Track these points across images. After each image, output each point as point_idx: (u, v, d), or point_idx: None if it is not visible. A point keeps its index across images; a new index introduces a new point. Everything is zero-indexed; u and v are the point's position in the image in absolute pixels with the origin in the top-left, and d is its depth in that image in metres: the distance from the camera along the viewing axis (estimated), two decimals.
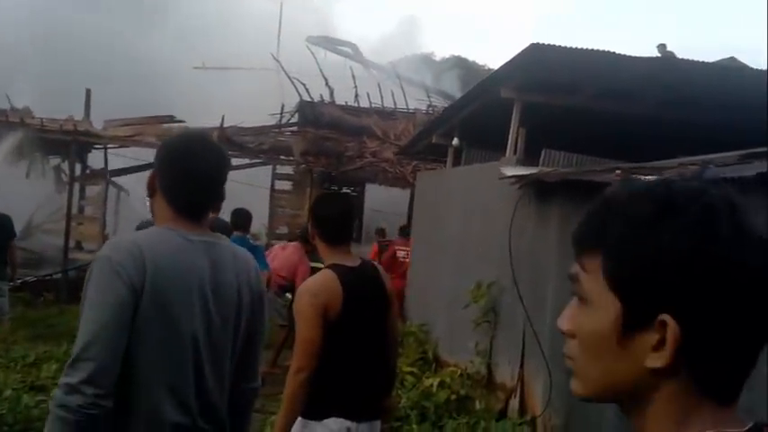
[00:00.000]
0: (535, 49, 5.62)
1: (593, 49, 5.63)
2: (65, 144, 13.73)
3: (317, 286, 2.82)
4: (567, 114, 6.63)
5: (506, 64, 5.94)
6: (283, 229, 14.42)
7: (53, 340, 8.10)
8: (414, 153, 10.39)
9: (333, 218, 2.95)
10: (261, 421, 5.80)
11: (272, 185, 15.46)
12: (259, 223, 14.31)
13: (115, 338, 1.78)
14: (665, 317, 0.74)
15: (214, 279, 1.95)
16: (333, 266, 2.86)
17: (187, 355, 1.89)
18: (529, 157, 6.15)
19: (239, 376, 2.08)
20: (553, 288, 5.01)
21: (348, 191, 15.54)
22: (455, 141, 7.63)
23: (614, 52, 5.60)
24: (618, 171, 4.09)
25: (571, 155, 6.14)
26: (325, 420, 2.78)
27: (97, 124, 14.56)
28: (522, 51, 5.68)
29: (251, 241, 6.99)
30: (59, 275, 12.84)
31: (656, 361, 0.76)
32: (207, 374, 1.94)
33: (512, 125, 6.30)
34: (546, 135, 6.24)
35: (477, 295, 5.84)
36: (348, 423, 2.80)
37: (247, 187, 13.22)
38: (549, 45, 5.62)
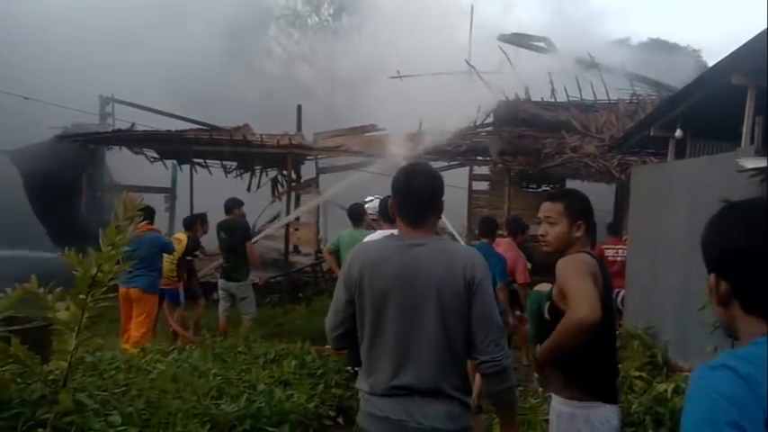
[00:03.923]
0: None
1: None
2: (282, 157, 14.93)
3: (588, 262, 2.87)
4: None
5: (738, 49, 5.57)
6: None
7: (285, 338, 8.78)
8: (629, 147, 9.91)
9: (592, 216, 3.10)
10: (486, 421, 5.92)
11: (470, 186, 15.62)
12: (458, 224, 14.55)
13: (337, 304, 2.68)
14: None
15: (410, 269, 2.51)
16: (587, 253, 2.96)
17: (383, 319, 2.52)
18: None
19: (472, 351, 2.53)
20: None
21: (547, 188, 15.22)
22: (678, 133, 7.17)
23: None
24: None
25: None
26: (599, 407, 2.86)
27: (308, 137, 15.67)
28: (757, 36, 5.31)
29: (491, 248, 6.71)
30: (282, 277, 13.95)
31: None
32: (411, 339, 2.48)
33: (746, 114, 5.86)
34: None
35: None
36: (616, 408, 2.93)
37: (446, 188, 13.41)
38: None
